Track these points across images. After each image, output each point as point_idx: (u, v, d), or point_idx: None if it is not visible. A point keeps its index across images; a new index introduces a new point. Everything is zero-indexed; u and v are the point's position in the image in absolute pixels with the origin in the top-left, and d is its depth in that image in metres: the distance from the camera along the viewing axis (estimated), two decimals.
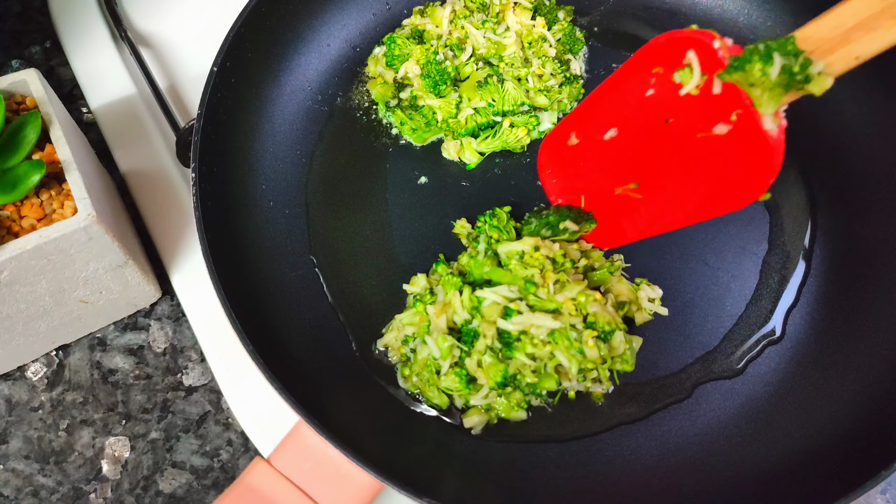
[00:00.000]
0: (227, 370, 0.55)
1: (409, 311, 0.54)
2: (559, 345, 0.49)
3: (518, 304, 0.50)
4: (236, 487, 0.44)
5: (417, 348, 0.52)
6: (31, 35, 0.74)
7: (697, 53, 0.41)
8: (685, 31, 0.42)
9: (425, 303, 0.53)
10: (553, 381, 0.50)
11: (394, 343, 0.54)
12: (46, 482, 0.53)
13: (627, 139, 0.49)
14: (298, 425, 0.46)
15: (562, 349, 0.49)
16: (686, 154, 0.45)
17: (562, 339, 0.49)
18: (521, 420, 0.51)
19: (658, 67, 0.45)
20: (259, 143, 0.61)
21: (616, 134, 0.50)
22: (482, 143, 0.62)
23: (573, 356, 0.49)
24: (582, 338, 0.50)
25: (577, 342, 0.49)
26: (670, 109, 0.45)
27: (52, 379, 0.57)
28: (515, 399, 0.51)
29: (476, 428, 0.51)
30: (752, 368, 0.54)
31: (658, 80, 0.45)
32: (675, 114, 0.44)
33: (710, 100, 0.42)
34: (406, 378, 0.53)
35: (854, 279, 0.56)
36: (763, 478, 0.48)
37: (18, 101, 0.51)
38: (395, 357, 0.54)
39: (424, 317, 0.53)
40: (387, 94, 0.64)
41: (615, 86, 0.48)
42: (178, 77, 0.69)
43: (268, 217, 0.58)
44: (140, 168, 0.63)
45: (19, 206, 0.47)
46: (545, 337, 0.49)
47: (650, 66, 0.45)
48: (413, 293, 0.55)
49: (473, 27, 0.64)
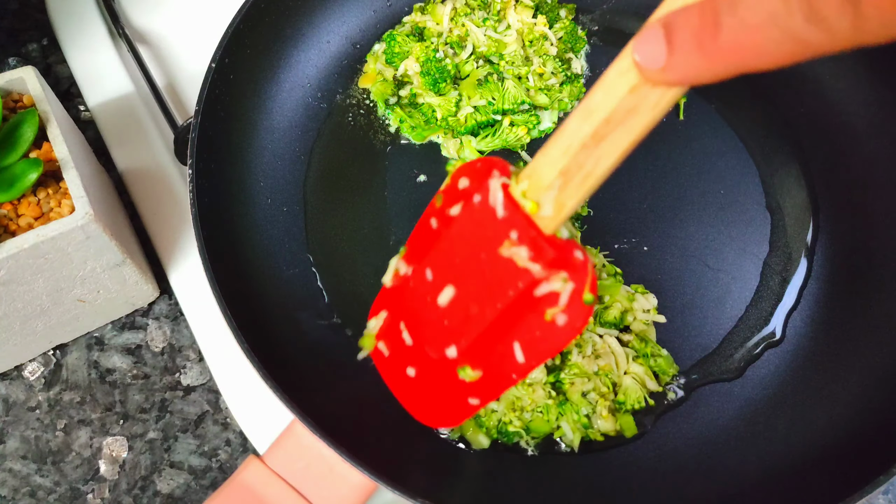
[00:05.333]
0: (226, 369, 0.55)
1: None
2: (564, 414, 0.48)
3: None
4: (229, 485, 0.44)
5: None
6: (28, 32, 0.74)
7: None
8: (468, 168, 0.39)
9: None
10: (547, 427, 0.49)
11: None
12: (44, 482, 0.53)
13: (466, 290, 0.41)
14: (293, 424, 0.46)
15: (566, 418, 0.48)
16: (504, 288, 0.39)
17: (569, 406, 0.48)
18: (481, 447, 0.49)
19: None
20: (257, 141, 0.60)
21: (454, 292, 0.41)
22: (482, 142, 0.62)
23: (576, 425, 0.48)
24: (595, 408, 0.48)
25: (586, 404, 0.48)
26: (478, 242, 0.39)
27: (49, 378, 0.57)
28: (484, 426, 0.49)
29: (451, 435, 0.50)
30: (751, 371, 0.53)
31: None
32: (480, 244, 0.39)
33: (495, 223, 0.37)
34: None
35: (856, 282, 0.55)
36: (761, 481, 0.48)
37: (15, 99, 0.50)
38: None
39: None
40: (386, 92, 0.64)
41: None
42: (177, 75, 0.69)
43: (265, 215, 0.58)
44: (138, 166, 0.63)
45: (16, 205, 0.47)
46: (541, 378, 0.48)
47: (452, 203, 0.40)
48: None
49: (474, 25, 0.64)
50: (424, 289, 0.41)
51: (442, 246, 0.40)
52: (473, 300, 0.39)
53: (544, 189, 0.35)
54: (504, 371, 0.40)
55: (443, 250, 0.40)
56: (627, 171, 0.61)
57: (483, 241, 0.37)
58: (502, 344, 0.39)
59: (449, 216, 0.40)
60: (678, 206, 0.60)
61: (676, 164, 0.62)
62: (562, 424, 0.49)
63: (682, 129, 0.64)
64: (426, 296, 0.41)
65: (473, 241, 0.38)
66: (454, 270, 0.39)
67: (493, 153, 0.62)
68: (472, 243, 0.38)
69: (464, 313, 0.39)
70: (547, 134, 0.63)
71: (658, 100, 0.31)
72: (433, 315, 0.41)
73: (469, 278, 0.39)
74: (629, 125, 0.32)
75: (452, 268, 0.40)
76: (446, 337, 0.41)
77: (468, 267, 0.39)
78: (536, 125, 0.62)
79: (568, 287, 0.35)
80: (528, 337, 0.38)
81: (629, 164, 0.62)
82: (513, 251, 0.36)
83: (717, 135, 0.63)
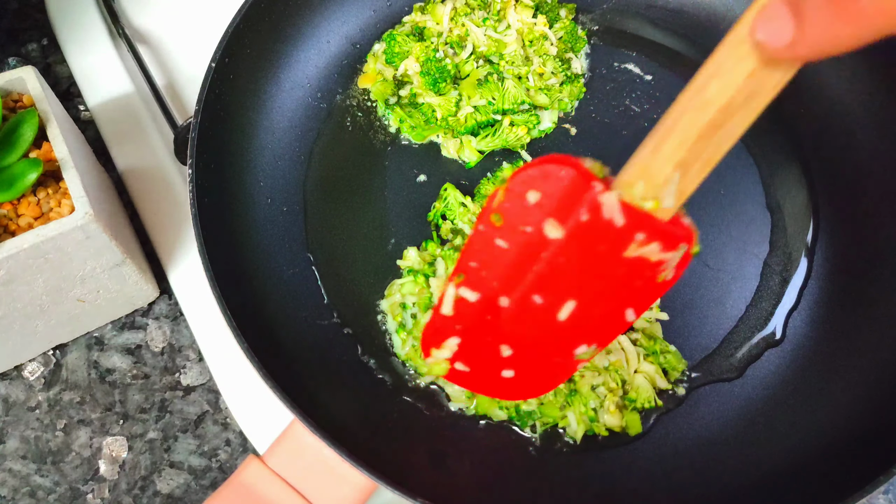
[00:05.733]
0: (226, 369, 0.55)
1: (408, 280, 0.54)
2: (571, 404, 0.49)
3: None
4: (229, 485, 0.44)
5: (418, 314, 0.52)
6: (28, 32, 0.74)
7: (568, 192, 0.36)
8: (554, 163, 0.36)
9: (426, 274, 0.53)
10: (557, 412, 0.49)
11: (392, 309, 0.54)
12: (43, 482, 0.53)
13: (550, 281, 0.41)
14: (293, 424, 0.46)
15: (573, 408, 0.49)
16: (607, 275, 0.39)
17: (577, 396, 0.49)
18: (500, 419, 0.51)
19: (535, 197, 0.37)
20: (257, 140, 0.60)
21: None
22: (482, 142, 0.62)
23: (581, 417, 0.49)
24: (603, 402, 0.49)
25: (595, 397, 0.49)
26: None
27: (49, 378, 0.57)
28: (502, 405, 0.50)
29: (466, 411, 0.51)
30: (751, 371, 0.53)
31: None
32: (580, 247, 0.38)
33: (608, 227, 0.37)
34: (403, 342, 0.53)
35: (856, 282, 0.55)
36: (761, 481, 0.47)
37: (15, 99, 0.50)
38: (392, 323, 0.54)
39: (425, 289, 0.52)
40: (386, 92, 0.64)
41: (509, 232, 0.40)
42: (177, 74, 0.69)
43: (265, 214, 0.58)
44: (138, 166, 0.63)
45: (16, 205, 0.47)
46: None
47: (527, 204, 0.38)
48: (406, 267, 0.56)
49: (474, 25, 0.64)
50: (531, 311, 0.40)
51: (544, 269, 0.39)
52: (597, 304, 0.39)
53: (662, 185, 0.34)
54: (614, 333, 0.42)
55: (548, 272, 0.39)
56: None
57: (602, 250, 0.37)
58: (616, 315, 0.40)
59: (537, 236, 0.38)
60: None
61: None
62: (568, 415, 0.49)
63: None
64: (537, 315, 0.40)
65: (590, 254, 0.37)
66: (569, 285, 0.39)
67: (493, 153, 0.62)
68: (587, 256, 0.37)
69: (588, 318, 0.40)
70: (547, 134, 0.63)
71: (780, 79, 0.31)
72: (550, 331, 0.41)
73: (589, 287, 0.39)
74: (748, 108, 0.32)
75: (567, 283, 0.39)
76: (573, 341, 0.42)
77: (586, 277, 0.38)
78: (536, 125, 0.62)
79: (683, 250, 0.36)
80: (638, 300, 0.39)
81: None
82: (643, 251, 0.36)
83: None
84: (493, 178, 0.59)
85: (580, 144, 0.63)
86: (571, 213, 0.36)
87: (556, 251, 0.38)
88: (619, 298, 0.39)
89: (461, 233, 0.57)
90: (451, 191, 0.58)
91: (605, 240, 0.36)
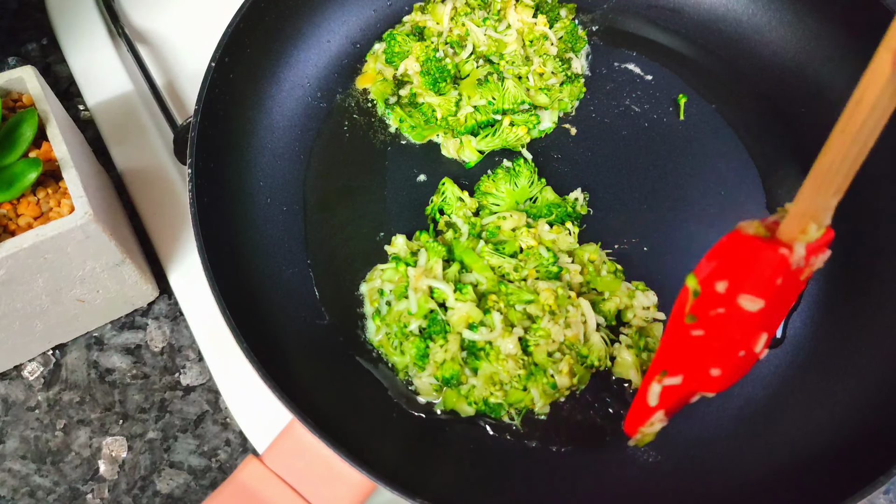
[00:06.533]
0: (226, 369, 0.55)
1: (390, 266, 0.54)
2: (531, 379, 0.49)
3: (494, 301, 0.51)
4: (228, 485, 0.44)
5: (392, 301, 0.53)
6: (27, 32, 0.74)
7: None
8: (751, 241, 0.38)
9: (407, 263, 0.53)
10: (522, 395, 0.50)
11: (370, 293, 0.55)
12: (43, 482, 0.53)
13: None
14: (292, 423, 0.46)
15: (534, 383, 0.49)
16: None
17: (537, 373, 0.49)
18: (468, 415, 0.51)
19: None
20: (257, 140, 0.60)
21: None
22: (482, 142, 0.62)
23: (543, 389, 0.49)
24: (557, 366, 0.49)
25: (551, 364, 0.49)
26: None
27: (48, 378, 0.57)
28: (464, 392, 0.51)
29: (433, 405, 0.51)
30: (751, 371, 0.53)
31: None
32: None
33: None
34: (377, 329, 0.53)
35: (856, 282, 0.55)
36: (761, 482, 0.47)
37: (15, 99, 0.50)
38: (369, 308, 0.55)
39: (403, 277, 0.53)
40: (386, 92, 0.64)
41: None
42: (176, 74, 0.69)
43: (265, 214, 0.58)
44: (137, 166, 0.63)
45: (16, 205, 0.47)
46: (514, 351, 0.49)
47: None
48: (392, 254, 0.56)
49: (474, 24, 0.64)
50: (734, 358, 0.42)
51: (743, 327, 0.40)
52: (777, 318, 0.41)
53: (825, 213, 0.36)
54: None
55: (746, 327, 0.40)
56: (627, 171, 0.62)
57: (791, 287, 0.38)
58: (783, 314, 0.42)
59: (734, 312, 0.38)
60: (678, 207, 0.60)
61: (676, 164, 0.62)
62: (532, 391, 0.50)
63: (682, 129, 0.63)
64: (738, 355, 0.41)
65: (782, 296, 0.39)
66: (764, 324, 0.40)
67: (493, 153, 0.62)
68: (781, 298, 0.39)
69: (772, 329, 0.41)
70: (547, 134, 0.63)
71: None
72: (748, 352, 0.41)
73: (778, 314, 0.40)
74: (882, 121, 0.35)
75: (762, 324, 0.40)
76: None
77: (777, 310, 0.40)
78: (536, 125, 0.62)
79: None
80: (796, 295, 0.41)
81: (629, 165, 0.62)
82: (810, 270, 0.38)
83: (717, 135, 0.63)
84: (493, 175, 0.59)
85: (580, 144, 0.63)
86: (768, 284, 0.37)
87: (756, 312, 0.38)
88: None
89: (454, 226, 0.57)
90: (450, 185, 0.58)
91: (794, 279, 0.38)
